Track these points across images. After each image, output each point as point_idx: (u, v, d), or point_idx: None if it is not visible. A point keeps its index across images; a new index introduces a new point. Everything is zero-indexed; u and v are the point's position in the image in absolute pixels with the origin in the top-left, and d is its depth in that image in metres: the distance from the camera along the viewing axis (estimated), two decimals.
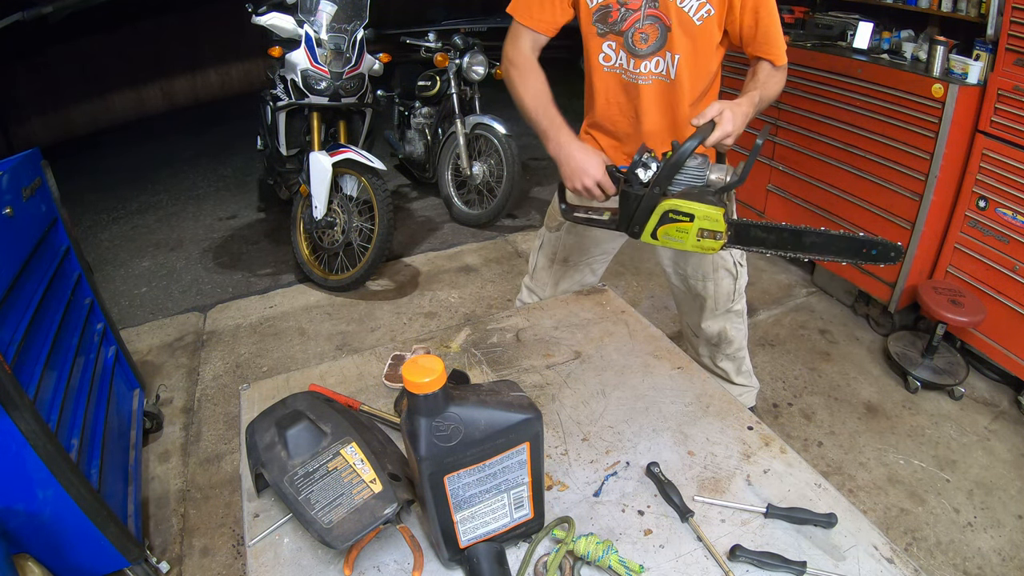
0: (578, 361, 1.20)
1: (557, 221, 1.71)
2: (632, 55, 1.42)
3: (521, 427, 0.73)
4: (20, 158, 1.75)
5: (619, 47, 1.42)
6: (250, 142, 3.89)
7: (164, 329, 2.89)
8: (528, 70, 1.45)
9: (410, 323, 2.84)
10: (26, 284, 1.60)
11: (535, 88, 1.43)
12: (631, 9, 1.37)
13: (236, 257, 3.54)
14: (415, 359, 0.69)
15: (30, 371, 1.46)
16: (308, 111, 3.03)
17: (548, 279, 1.80)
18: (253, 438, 0.90)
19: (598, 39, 1.43)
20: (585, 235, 1.70)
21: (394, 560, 0.82)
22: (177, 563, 1.77)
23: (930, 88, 2.14)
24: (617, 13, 1.38)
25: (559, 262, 1.76)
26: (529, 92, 1.43)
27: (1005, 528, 1.79)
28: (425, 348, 1.24)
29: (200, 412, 2.35)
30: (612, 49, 1.43)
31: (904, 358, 2.34)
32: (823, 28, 2.68)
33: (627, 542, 0.83)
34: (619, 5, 1.37)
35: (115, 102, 6.47)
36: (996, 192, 2.10)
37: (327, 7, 2.80)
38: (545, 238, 1.79)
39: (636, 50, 1.41)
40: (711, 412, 1.05)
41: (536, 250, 1.83)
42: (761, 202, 3.03)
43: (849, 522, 0.84)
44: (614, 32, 1.40)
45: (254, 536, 0.85)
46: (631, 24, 1.38)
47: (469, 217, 3.69)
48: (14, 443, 1.22)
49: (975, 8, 2.21)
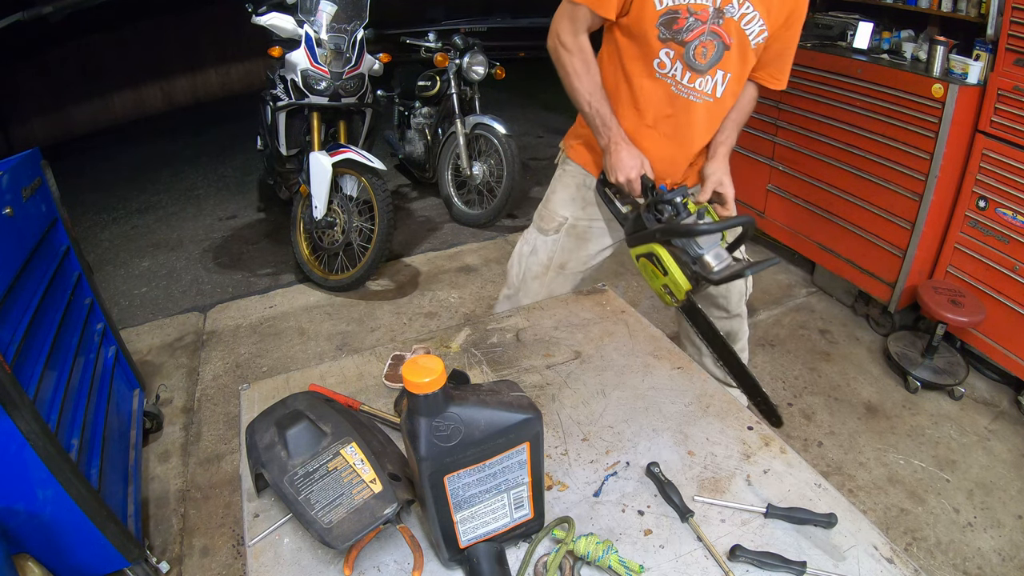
0: (578, 361, 1.20)
1: (555, 223, 1.62)
2: (689, 68, 1.38)
3: (521, 427, 0.73)
4: (20, 158, 1.75)
5: (677, 57, 1.37)
6: (250, 142, 3.89)
7: (164, 329, 2.89)
8: (585, 61, 1.42)
9: (410, 323, 2.84)
10: (26, 284, 1.60)
11: (592, 82, 1.42)
12: (700, 20, 1.33)
13: (236, 257, 3.54)
14: (415, 359, 0.69)
15: (30, 371, 1.46)
16: (308, 111, 3.03)
17: (538, 289, 1.66)
18: (253, 438, 0.90)
19: (658, 43, 1.36)
20: (587, 237, 1.63)
21: (394, 560, 0.82)
22: (177, 563, 1.77)
23: (930, 88, 2.14)
24: (684, 21, 1.33)
25: (555, 268, 1.65)
26: (585, 86, 1.42)
27: (1005, 528, 1.79)
28: (425, 348, 1.24)
29: (200, 412, 2.35)
30: (669, 57, 1.38)
31: (904, 358, 2.34)
32: (823, 28, 2.68)
33: (627, 542, 0.83)
34: (689, 14, 1.32)
35: (115, 102, 6.47)
36: (996, 192, 2.10)
37: (327, 7, 2.80)
38: (538, 242, 1.65)
39: (695, 64, 1.37)
40: (711, 412, 1.05)
41: (523, 256, 1.68)
42: (761, 202, 3.03)
43: (849, 522, 0.84)
44: (676, 41, 1.35)
45: (254, 536, 0.85)
46: (696, 36, 1.34)
47: (469, 217, 3.69)
48: (14, 443, 1.22)
49: (975, 8, 2.21)
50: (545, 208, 1.66)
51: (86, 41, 5.95)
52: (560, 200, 1.63)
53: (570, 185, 1.62)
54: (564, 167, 1.66)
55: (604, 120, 1.42)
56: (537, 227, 1.67)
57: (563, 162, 1.67)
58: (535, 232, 1.67)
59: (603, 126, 1.42)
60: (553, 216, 1.63)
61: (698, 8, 1.32)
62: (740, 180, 3.20)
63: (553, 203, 1.64)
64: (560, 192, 1.64)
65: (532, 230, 1.69)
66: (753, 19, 1.34)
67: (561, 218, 1.62)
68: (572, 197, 1.62)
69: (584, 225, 1.63)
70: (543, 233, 1.65)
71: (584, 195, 1.61)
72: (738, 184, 1.52)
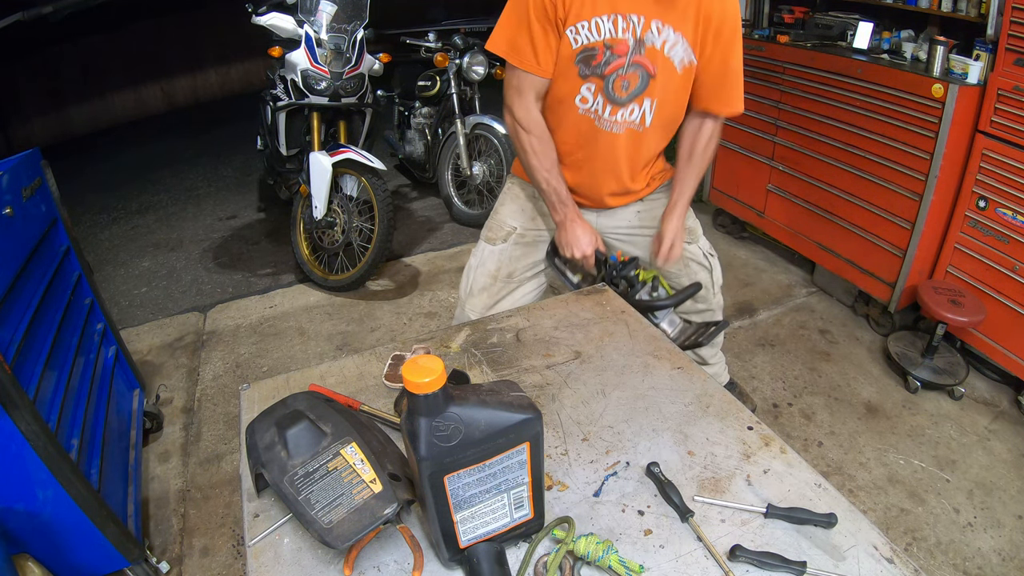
0: (578, 361, 1.20)
1: (504, 232, 1.65)
2: (610, 101, 1.40)
3: (521, 427, 0.73)
4: (20, 158, 1.75)
5: (598, 91, 1.40)
6: (250, 142, 3.89)
7: (164, 329, 2.89)
8: (540, 138, 1.47)
9: (410, 323, 2.84)
10: (26, 284, 1.60)
11: (549, 160, 1.47)
12: (616, 55, 1.35)
13: (236, 257, 3.54)
14: (415, 359, 0.69)
15: (30, 371, 1.46)
16: (308, 111, 3.03)
17: (486, 301, 1.68)
18: (253, 438, 0.90)
19: (578, 80, 1.40)
20: (535, 245, 1.68)
21: (394, 560, 0.82)
22: (177, 563, 1.77)
23: (930, 88, 2.14)
24: (602, 56, 1.36)
25: (502, 279, 1.67)
26: (543, 164, 1.47)
27: (1005, 528, 1.79)
28: (425, 348, 1.24)
29: (200, 412, 2.35)
30: (591, 92, 1.41)
31: (904, 358, 2.34)
32: (823, 28, 2.68)
33: (627, 542, 0.83)
34: (605, 48, 1.35)
35: (115, 102, 6.48)
36: (996, 192, 2.10)
37: (327, 7, 2.80)
38: (485, 253, 1.67)
39: (615, 97, 1.40)
40: (711, 412, 1.05)
41: (472, 269, 1.69)
42: (761, 202, 3.03)
43: (849, 522, 0.84)
44: (595, 75, 1.38)
45: (254, 536, 0.85)
46: (614, 70, 1.36)
47: (469, 217, 3.69)
48: (14, 443, 1.22)
49: (975, 8, 2.20)
50: (494, 219, 1.70)
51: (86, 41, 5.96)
52: (509, 211, 1.68)
53: (519, 196, 1.68)
54: (511, 181, 1.72)
55: (560, 197, 1.48)
56: (485, 238, 1.70)
57: (510, 178, 1.73)
58: (483, 244, 1.70)
59: (559, 203, 1.49)
60: (502, 226, 1.67)
61: (614, 42, 1.34)
62: (740, 180, 3.23)
63: (502, 214, 1.69)
64: (509, 204, 1.69)
65: (480, 243, 1.72)
66: (676, 43, 1.36)
67: (510, 227, 1.66)
68: (521, 208, 1.67)
69: (532, 235, 1.68)
70: (491, 243, 1.68)
71: (534, 206, 1.67)
72: (738, 184, 1.54)
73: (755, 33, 2.95)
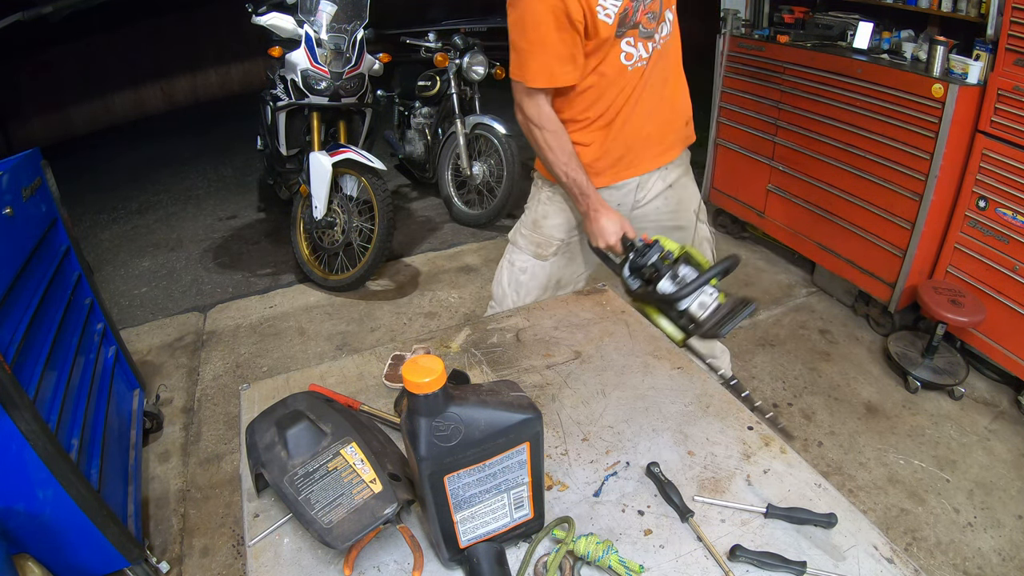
0: (578, 361, 1.20)
1: (553, 247, 1.64)
2: (644, 38, 1.42)
3: (521, 427, 0.73)
4: (20, 158, 1.75)
5: (636, 39, 1.41)
6: (250, 142, 3.89)
7: (164, 329, 2.89)
8: (554, 132, 1.45)
9: (410, 323, 2.84)
10: (26, 284, 1.60)
11: (565, 153, 1.46)
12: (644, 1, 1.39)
13: (236, 257, 3.54)
14: (415, 359, 0.69)
15: (30, 371, 1.47)
16: (308, 111, 3.03)
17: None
18: (253, 438, 0.90)
19: (616, 42, 1.39)
20: (577, 250, 1.68)
21: (394, 560, 0.82)
22: (177, 563, 1.77)
23: (930, 88, 2.14)
24: (632, 10, 1.38)
25: (552, 287, 1.69)
26: (560, 158, 1.46)
27: (1005, 528, 1.79)
28: (425, 348, 1.24)
29: (200, 412, 2.35)
30: (631, 45, 1.41)
31: (904, 358, 2.34)
32: (823, 28, 2.68)
33: (627, 542, 0.83)
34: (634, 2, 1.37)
35: (115, 102, 6.48)
36: (996, 192, 2.10)
37: (327, 7, 2.80)
38: (535, 268, 1.65)
39: (646, 31, 1.42)
40: (711, 412, 1.05)
41: (520, 284, 1.66)
42: (761, 202, 3.03)
43: (849, 522, 0.84)
44: (631, 27, 1.40)
45: (254, 536, 0.85)
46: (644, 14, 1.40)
47: (469, 217, 3.69)
48: (14, 443, 1.22)
49: (975, 8, 2.20)
50: (539, 233, 1.64)
51: (86, 41, 5.96)
52: (555, 225, 1.64)
53: (564, 209, 1.62)
54: (550, 189, 1.63)
55: (582, 189, 1.46)
56: (535, 254, 1.65)
57: (545, 185, 1.64)
58: (529, 258, 1.66)
59: (581, 195, 1.47)
60: (550, 242, 1.64)
61: None
62: (740, 180, 3.22)
63: (548, 229, 1.64)
64: (553, 217, 1.63)
65: (524, 256, 1.66)
66: None
67: (559, 242, 1.65)
68: (567, 219, 1.64)
69: (577, 239, 1.67)
70: (541, 259, 1.65)
71: (572, 209, 1.63)
72: (738, 184, 1.53)
73: (755, 33, 2.94)
